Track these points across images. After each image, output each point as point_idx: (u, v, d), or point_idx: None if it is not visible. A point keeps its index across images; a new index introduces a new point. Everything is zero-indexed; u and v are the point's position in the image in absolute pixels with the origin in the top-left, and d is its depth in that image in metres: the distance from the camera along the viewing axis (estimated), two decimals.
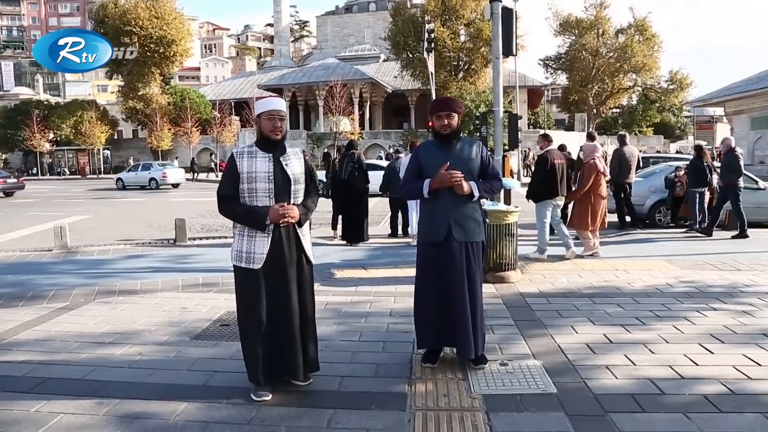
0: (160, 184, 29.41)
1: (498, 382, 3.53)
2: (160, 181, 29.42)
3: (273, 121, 3.27)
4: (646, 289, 5.97)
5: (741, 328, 4.58)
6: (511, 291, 5.92)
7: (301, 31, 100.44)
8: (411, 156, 3.90)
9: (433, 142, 3.82)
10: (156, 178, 29.62)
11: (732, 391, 3.39)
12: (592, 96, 56.63)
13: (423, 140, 9.97)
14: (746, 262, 7.23)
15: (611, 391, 3.40)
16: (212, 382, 3.64)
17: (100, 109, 49.65)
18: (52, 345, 4.45)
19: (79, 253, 9.03)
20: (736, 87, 31.19)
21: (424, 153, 3.76)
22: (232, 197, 3.29)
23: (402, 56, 44.33)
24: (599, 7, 55.01)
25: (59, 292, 6.24)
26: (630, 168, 9.98)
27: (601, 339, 4.36)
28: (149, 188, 29.63)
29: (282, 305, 3.30)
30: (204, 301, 5.70)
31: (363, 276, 6.82)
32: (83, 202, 21.28)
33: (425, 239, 3.76)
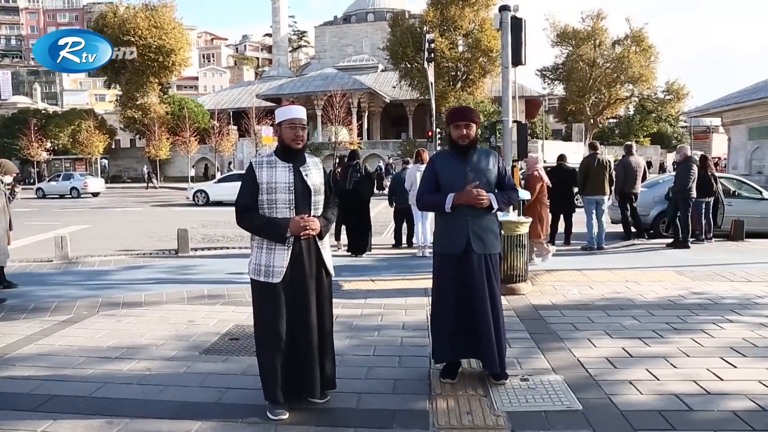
0: (81, 193, 30.99)
1: (521, 399, 3.43)
2: (81, 190, 31.03)
3: (295, 129, 3.19)
4: (659, 300, 5.89)
5: (761, 341, 4.50)
6: (523, 303, 5.83)
7: (300, 41, 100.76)
8: (426, 167, 3.80)
9: (449, 152, 3.72)
10: (77, 188, 31.19)
11: (762, 407, 3.30)
12: (590, 106, 56.87)
13: (424, 149, 9.97)
14: (757, 273, 7.16)
15: (638, 408, 3.30)
16: (225, 399, 3.53)
17: (98, 119, 49.53)
18: (57, 360, 4.33)
19: (80, 263, 8.90)
20: (734, 97, 31.37)
21: (441, 164, 3.68)
22: (251, 208, 3.19)
23: (400, 66, 44.45)
24: (596, 18, 55.43)
25: (62, 304, 6.11)
26: (636, 178, 9.92)
27: (620, 353, 4.27)
28: (69, 197, 30.94)
29: (302, 320, 3.20)
30: (211, 314, 5.58)
31: (371, 288, 6.71)
32: (81, 212, 21.12)
33: (443, 251, 3.66)
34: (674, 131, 60.30)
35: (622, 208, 10.23)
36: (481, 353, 3.60)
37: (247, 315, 5.43)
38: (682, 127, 59.78)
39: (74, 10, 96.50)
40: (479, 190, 3.46)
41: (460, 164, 3.59)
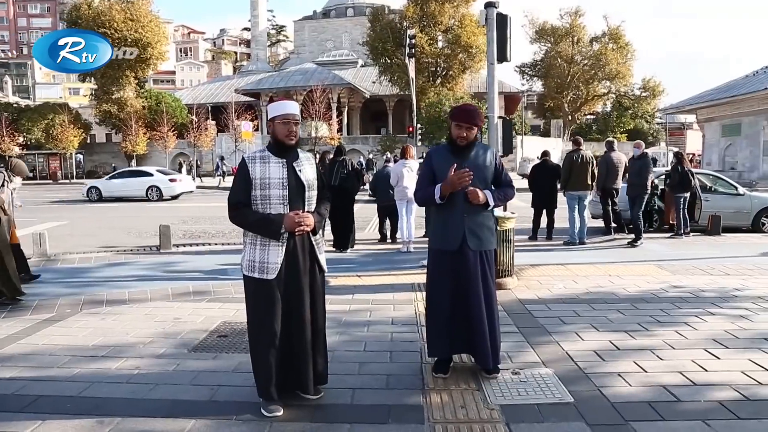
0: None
1: (513, 392, 3.47)
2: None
3: (288, 125, 3.16)
4: (642, 294, 6.00)
5: (741, 333, 4.62)
6: (510, 298, 5.88)
7: (278, 35, 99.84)
8: (424, 162, 3.79)
9: (447, 147, 3.71)
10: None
11: (746, 396, 3.39)
12: (567, 102, 57.58)
13: (410, 145, 9.98)
14: (734, 267, 7.34)
15: (628, 399, 3.37)
16: (218, 396, 3.50)
17: (72, 113, 48.42)
18: (41, 359, 4.24)
19: (59, 261, 8.72)
20: (708, 95, 32.12)
21: (437, 159, 3.66)
22: (244, 204, 3.16)
23: (380, 62, 44.35)
24: (574, 15, 56.09)
25: (43, 302, 5.99)
26: (617, 174, 10.06)
27: (608, 345, 4.34)
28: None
29: (295, 317, 3.19)
30: (197, 311, 5.52)
31: (358, 283, 6.71)
32: (56, 208, 20.69)
33: (438, 247, 3.67)
34: (650, 128, 61.37)
35: (604, 204, 10.38)
36: (473, 349, 3.62)
37: (234, 312, 5.41)
38: (658, 124, 60.87)
39: (46, 1, 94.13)
40: (459, 172, 3.43)
41: (457, 160, 3.56)
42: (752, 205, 11.22)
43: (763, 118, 27.35)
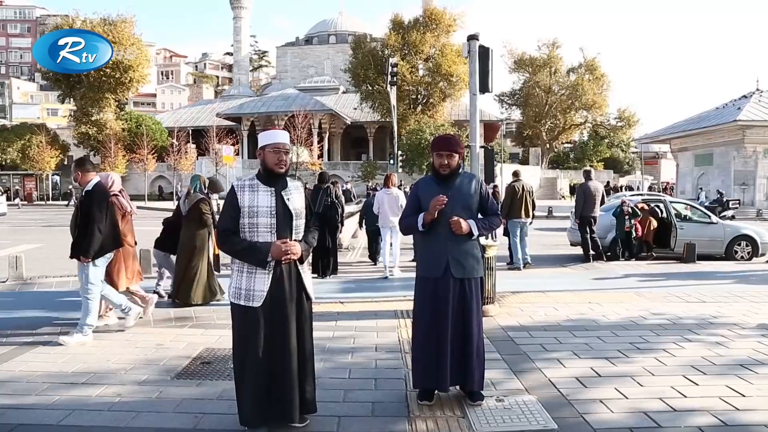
0: None
1: (498, 419, 3.50)
2: None
3: (278, 154, 3.21)
4: (621, 321, 6.10)
5: (718, 359, 4.73)
6: (493, 325, 5.93)
7: (261, 60, 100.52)
8: (410, 192, 3.89)
9: (432, 178, 3.81)
10: None
11: (723, 422, 3.47)
12: (545, 131, 58.74)
13: (393, 173, 10.13)
14: (710, 294, 7.51)
15: (610, 425, 3.42)
16: (203, 424, 3.46)
17: (50, 134, 47.85)
18: (19, 386, 4.15)
19: (36, 285, 8.55)
20: (681, 126, 33.12)
21: (424, 189, 3.75)
22: (232, 232, 3.19)
23: (362, 88, 44.95)
24: (552, 46, 57.66)
25: (20, 328, 5.86)
26: (595, 202, 10.29)
27: (589, 372, 4.41)
28: None
29: (281, 344, 3.19)
30: (180, 337, 5.46)
31: (341, 310, 6.71)
32: (31, 230, 20.32)
33: (424, 274, 3.73)
34: (626, 156, 62.83)
35: (582, 232, 10.57)
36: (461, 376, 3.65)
37: (217, 338, 5.36)
38: (633, 153, 62.35)
39: (26, 21, 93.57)
40: (435, 198, 3.53)
41: (442, 189, 3.65)
42: (725, 233, 11.53)
43: (733, 148, 28.27)
